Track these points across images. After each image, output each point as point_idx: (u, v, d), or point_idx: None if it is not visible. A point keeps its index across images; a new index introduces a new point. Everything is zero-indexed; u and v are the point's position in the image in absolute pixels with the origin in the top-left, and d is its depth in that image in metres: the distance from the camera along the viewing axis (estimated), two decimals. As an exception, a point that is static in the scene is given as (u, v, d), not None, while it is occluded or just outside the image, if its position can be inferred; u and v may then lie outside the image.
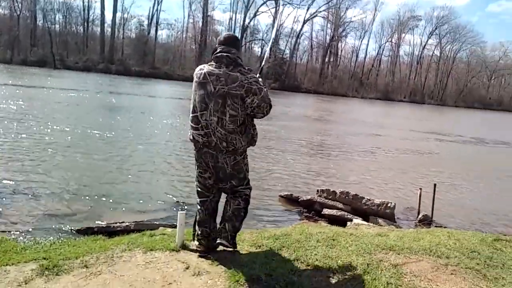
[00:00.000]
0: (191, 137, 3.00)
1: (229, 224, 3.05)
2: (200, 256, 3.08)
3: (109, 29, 55.77)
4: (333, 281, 2.76)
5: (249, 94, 2.85)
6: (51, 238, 3.97)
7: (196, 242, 3.18)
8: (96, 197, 5.51)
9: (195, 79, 2.97)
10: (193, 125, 2.95)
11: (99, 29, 56.49)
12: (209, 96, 2.86)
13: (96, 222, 4.60)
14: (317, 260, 3.04)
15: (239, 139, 2.90)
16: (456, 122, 31.98)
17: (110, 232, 4.17)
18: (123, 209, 5.23)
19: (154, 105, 19.41)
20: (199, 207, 3.14)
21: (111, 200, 5.47)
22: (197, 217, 3.15)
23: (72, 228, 4.37)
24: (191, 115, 2.97)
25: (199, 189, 3.12)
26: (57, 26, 56.90)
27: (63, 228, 4.38)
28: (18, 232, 4.14)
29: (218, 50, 2.95)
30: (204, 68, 2.95)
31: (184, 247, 3.24)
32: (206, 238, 3.12)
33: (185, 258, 3.05)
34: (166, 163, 8.00)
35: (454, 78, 73.07)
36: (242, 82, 2.84)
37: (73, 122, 11.71)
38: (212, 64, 2.94)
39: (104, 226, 4.34)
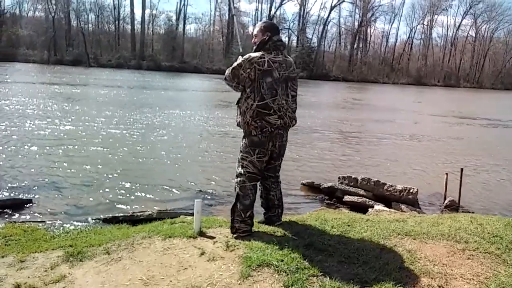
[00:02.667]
0: (260, 123, 3.09)
1: (279, 209, 3.52)
2: (246, 236, 3.20)
3: (139, 26, 56.92)
4: (345, 266, 2.77)
5: (297, 76, 3.32)
6: (79, 227, 4.19)
7: (240, 226, 3.24)
8: (123, 187, 5.74)
9: (256, 67, 3.04)
10: (265, 111, 3.08)
11: (129, 26, 57.77)
12: (277, 82, 3.10)
13: (122, 211, 4.80)
14: (330, 245, 3.05)
15: (296, 116, 3.32)
16: (491, 105, 30.56)
17: (134, 220, 4.34)
18: (148, 198, 5.42)
19: (182, 98, 19.73)
20: (249, 191, 3.24)
21: (137, 190, 5.68)
22: (246, 201, 3.24)
23: (99, 217, 4.59)
24: (258, 103, 3.07)
25: (253, 174, 3.23)
26: (90, 25, 58.67)
27: (91, 218, 4.60)
28: (49, 222, 4.38)
29: (275, 39, 3.16)
30: (265, 56, 3.09)
31: (201, 234, 3.34)
32: (252, 219, 3.32)
33: (201, 244, 3.14)
34: (191, 154, 8.17)
35: (491, 59, 69.53)
36: (294, 65, 3.29)
37: (105, 117, 12.12)
38: (270, 52, 3.12)
39: (129, 215, 4.51)
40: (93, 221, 4.52)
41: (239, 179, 3.28)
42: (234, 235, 3.26)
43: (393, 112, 19.74)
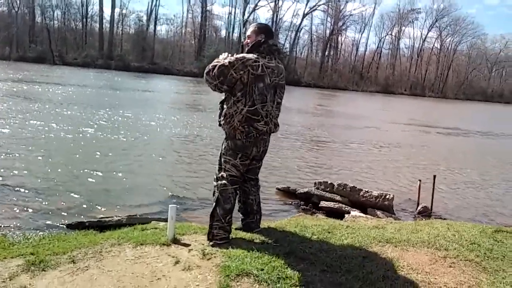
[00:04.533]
0: (247, 128, 2.97)
1: (258, 215, 3.42)
2: (223, 243, 3.05)
3: (108, 25, 55.52)
4: (328, 275, 2.67)
5: (285, 84, 3.23)
6: (41, 233, 3.88)
7: (219, 232, 3.10)
8: (89, 191, 5.42)
9: (250, 70, 2.89)
10: (254, 117, 2.97)
11: (98, 25, 56.20)
12: (267, 88, 3.00)
13: (88, 216, 4.51)
14: (311, 254, 2.96)
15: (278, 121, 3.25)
16: (455, 114, 31.82)
17: (101, 226, 4.08)
18: (116, 203, 5.13)
19: (152, 99, 19.28)
20: (230, 195, 3.11)
21: (104, 195, 5.38)
22: (227, 205, 3.10)
23: (63, 223, 4.28)
24: (248, 108, 2.95)
25: (235, 178, 3.12)
26: (55, 22, 56.69)
27: (54, 223, 4.29)
28: (7, 227, 4.05)
29: (271, 43, 3.07)
30: (259, 60, 2.95)
31: (175, 241, 3.16)
32: (231, 225, 3.19)
33: (176, 252, 2.97)
34: (161, 157, 7.91)
35: (454, 70, 72.84)
36: (284, 73, 3.18)
37: (67, 117, 11.61)
38: (264, 56, 2.99)
39: (96, 220, 4.24)
40: (57, 227, 4.21)
41: (220, 182, 3.13)
42: (211, 243, 3.10)
43: (362, 119, 20.10)
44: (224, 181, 3.11)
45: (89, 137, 9.02)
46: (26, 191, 5.24)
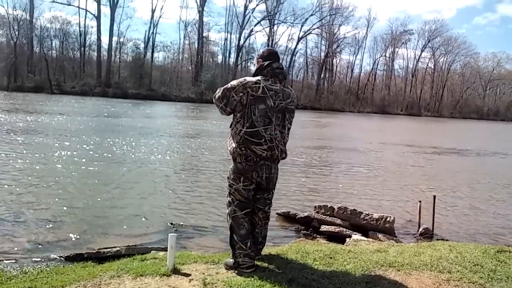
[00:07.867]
0: (245, 151, 2.96)
1: (261, 246, 3.34)
2: (250, 272, 3.01)
3: (106, 53, 56.28)
4: (331, 302, 2.63)
5: (295, 109, 3.20)
6: (39, 266, 3.81)
7: (245, 261, 3.06)
8: (86, 222, 5.35)
9: (250, 92, 2.94)
10: (254, 140, 2.95)
11: (95, 53, 57.01)
12: (271, 110, 2.98)
13: (87, 248, 4.44)
14: (313, 280, 2.92)
15: (286, 149, 3.19)
16: (452, 134, 31.95)
17: (100, 258, 4.02)
18: (115, 233, 5.05)
19: (149, 127, 19.34)
20: (241, 220, 3.08)
21: (102, 225, 5.31)
22: (242, 231, 3.07)
23: (61, 255, 4.20)
24: (247, 130, 2.95)
25: (243, 202, 3.08)
26: (54, 52, 57.59)
27: (52, 256, 4.20)
28: (4, 262, 3.98)
29: (275, 66, 3.06)
30: (261, 82, 2.98)
31: (175, 271, 3.12)
32: (252, 249, 3.13)
33: (176, 283, 2.93)
34: (159, 186, 7.85)
35: (449, 89, 73.84)
36: (293, 98, 3.18)
37: (64, 146, 11.60)
38: (267, 79, 3.01)
39: (94, 251, 4.17)
40: (55, 259, 4.13)
41: (229, 208, 3.15)
42: (236, 271, 3.06)
43: (359, 141, 20.13)
44: (232, 207, 3.11)
45: (85, 168, 8.96)
46: (23, 223, 5.17)
